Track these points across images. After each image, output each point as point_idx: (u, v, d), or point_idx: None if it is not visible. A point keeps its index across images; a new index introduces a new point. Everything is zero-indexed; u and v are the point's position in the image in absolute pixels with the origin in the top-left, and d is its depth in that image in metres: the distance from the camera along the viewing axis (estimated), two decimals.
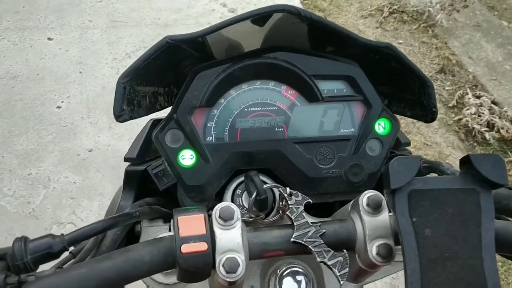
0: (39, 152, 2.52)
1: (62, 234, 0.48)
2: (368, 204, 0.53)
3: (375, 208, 0.53)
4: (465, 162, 0.48)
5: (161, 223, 0.67)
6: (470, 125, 2.73)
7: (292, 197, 0.59)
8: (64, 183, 2.38)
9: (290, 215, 0.56)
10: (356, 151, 0.69)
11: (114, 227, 0.54)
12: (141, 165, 0.74)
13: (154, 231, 0.65)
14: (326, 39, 0.71)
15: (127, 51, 3.14)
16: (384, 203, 0.52)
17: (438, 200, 0.46)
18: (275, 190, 0.67)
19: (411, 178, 0.47)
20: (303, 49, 0.70)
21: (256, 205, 0.64)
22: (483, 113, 2.76)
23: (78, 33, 3.26)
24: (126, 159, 0.77)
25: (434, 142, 2.79)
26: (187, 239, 0.48)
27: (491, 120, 2.73)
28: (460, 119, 2.82)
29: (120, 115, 0.62)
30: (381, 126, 0.70)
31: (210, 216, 0.52)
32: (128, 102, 0.63)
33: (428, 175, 0.69)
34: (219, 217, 0.51)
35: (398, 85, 0.72)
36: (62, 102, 2.79)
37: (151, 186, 0.71)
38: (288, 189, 0.60)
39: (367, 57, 0.68)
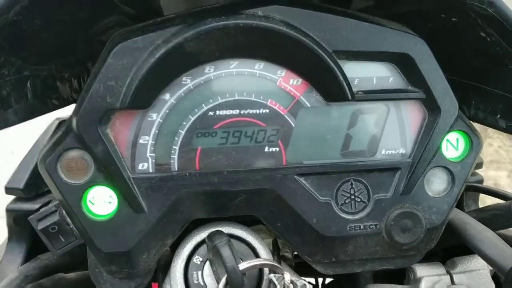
0: None
1: None
2: None
3: None
4: None
5: None
6: None
7: None
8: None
9: None
10: (408, 189, 0.43)
11: None
12: (33, 201, 0.52)
13: None
14: None
15: None
16: None
17: None
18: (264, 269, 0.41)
19: None
20: (317, 3, 0.40)
21: None
22: None
23: None
24: (8, 189, 0.50)
25: None
26: None
27: None
28: None
29: None
30: (451, 146, 0.41)
31: None
32: None
33: None
34: None
35: (484, 72, 0.42)
36: None
37: None
38: (287, 276, 0.35)
39: (434, 21, 0.38)
